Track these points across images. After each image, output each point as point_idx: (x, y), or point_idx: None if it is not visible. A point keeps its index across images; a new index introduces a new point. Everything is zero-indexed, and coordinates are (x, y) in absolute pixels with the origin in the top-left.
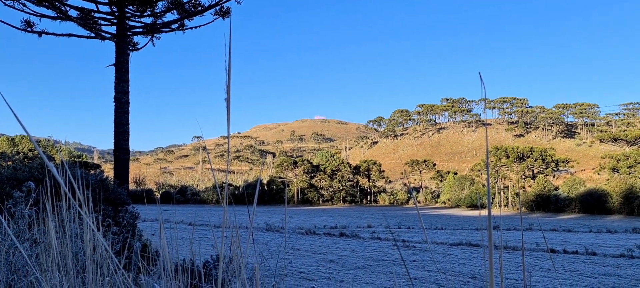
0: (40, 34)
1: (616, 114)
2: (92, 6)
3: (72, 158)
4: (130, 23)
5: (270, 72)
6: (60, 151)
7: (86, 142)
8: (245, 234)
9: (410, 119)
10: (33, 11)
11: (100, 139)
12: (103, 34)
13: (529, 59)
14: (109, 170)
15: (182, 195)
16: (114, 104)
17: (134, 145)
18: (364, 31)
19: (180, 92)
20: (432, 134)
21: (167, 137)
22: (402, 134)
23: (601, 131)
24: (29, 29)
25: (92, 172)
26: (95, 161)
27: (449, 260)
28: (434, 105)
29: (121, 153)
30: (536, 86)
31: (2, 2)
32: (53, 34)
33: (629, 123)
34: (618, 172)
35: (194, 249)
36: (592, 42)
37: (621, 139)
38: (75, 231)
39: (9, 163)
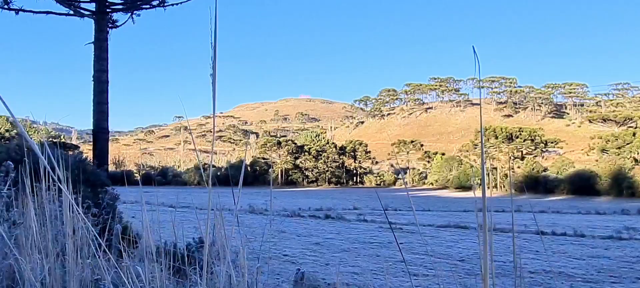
0: (17, 11)
1: (605, 94)
2: None
3: (50, 139)
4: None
5: (253, 49)
6: (39, 131)
7: (64, 122)
8: (228, 216)
9: (397, 99)
10: None
11: (78, 119)
12: (82, 11)
13: (518, 37)
14: (87, 151)
15: (163, 177)
16: (92, 82)
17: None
18: (350, 8)
19: (161, 70)
20: (420, 114)
21: (148, 117)
22: (389, 114)
23: (590, 111)
24: (6, 6)
25: (71, 152)
26: (74, 142)
27: (437, 243)
28: (421, 85)
29: (100, 133)
30: (525, 65)
31: None
32: (30, 11)
33: (618, 103)
34: (607, 153)
35: (176, 231)
36: (580, 19)
37: (610, 120)
38: (55, 212)
39: None
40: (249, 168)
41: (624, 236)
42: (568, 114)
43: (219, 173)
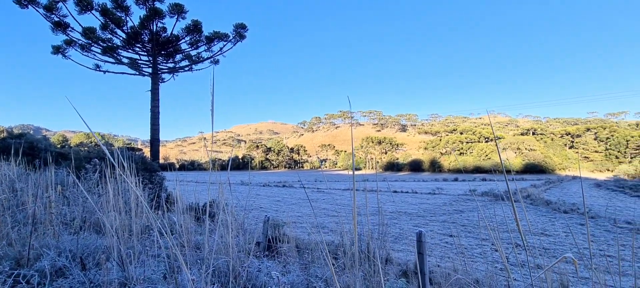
0: (104, 72)
1: (426, 119)
2: (136, 57)
3: (125, 144)
4: (160, 66)
5: (243, 89)
6: (118, 140)
7: (134, 135)
8: (228, 188)
9: (321, 122)
10: (100, 58)
11: (143, 132)
12: (143, 72)
13: (383, 83)
14: (147, 152)
15: (192, 166)
16: (150, 113)
17: (162, 136)
18: (294, 65)
19: (191, 104)
20: (333, 130)
21: (183, 131)
22: (316, 130)
23: (419, 128)
24: (98, 69)
25: (137, 152)
26: (139, 146)
27: (342, 199)
28: (333, 114)
29: (154, 141)
30: (387, 101)
31: (81, 53)
32: (113, 72)
33: (432, 124)
34: (427, 150)
35: (197, 196)
36: (416, 69)
37: (429, 132)
38: (125, 188)
39: (85, 149)
40: (241, 160)
41: (436, 192)
42: (408, 129)
43: (223, 163)
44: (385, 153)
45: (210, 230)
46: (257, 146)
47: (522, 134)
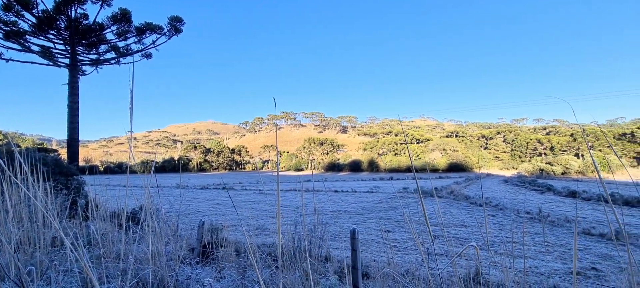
0: (7, 60)
1: (365, 121)
2: (51, 45)
3: (35, 145)
4: (80, 57)
5: (180, 86)
6: (26, 140)
7: (48, 134)
8: (163, 190)
9: (263, 122)
10: (1, 44)
11: (58, 130)
12: (59, 63)
13: (326, 88)
14: (64, 153)
15: (120, 169)
16: (67, 109)
17: (84, 135)
18: (242, 68)
19: (119, 100)
20: (276, 130)
21: (108, 131)
22: (259, 130)
23: (358, 130)
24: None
25: (50, 154)
26: (54, 147)
27: (284, 199)
28: (276, 115)
29: (73, 141)
30: (329, 104)
31: None
32: (18, 61)
33: (370, 126)
34: (366, 150)
35: (124, 202)
36: (356, 75)
37: (367, 134)
38: (32, 195)
39: None
40: (177, 162)
41: (373, 191)
42: (349, 131)
43: (157, 165)
44: (327, 154)
45: (139, 238)
46: (195, 147)
47: (447, 136)
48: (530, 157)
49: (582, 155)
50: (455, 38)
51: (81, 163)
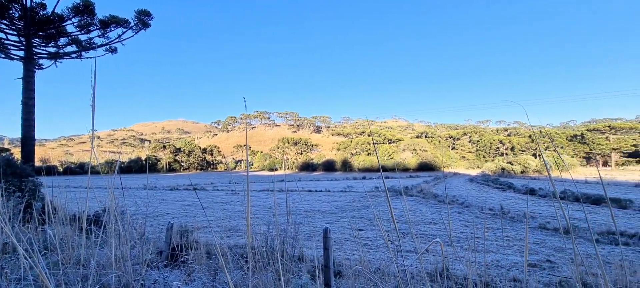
0: None
1: (339, 122)
2: (2, 35)
3: None
4: (37, 50)
5: (148, 83)
6: None
7: None
8: (129, 191)
9: (236, 121)
10: None
11: (10, 128)
12: (12, 55)
13: (301, 89)
14: (17, 153)
15: (82, 169)
16: (21, 106)
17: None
18: (215, 66)
19: (81, 97)
20: (250, 130)
21: (69, 129)
22: (232, 130)
23: (332, 130)
24: None
25: (2, 154)
26: (6, 146)
27: (257, 200)
28: (250, 114)
29: (28, 140)
30: (303, 105)
31: None
32: None
33: (344, 126)
34: (339, 150)
35: (86, 204)
36: (330, 78)
37: (341, 134)
38: None
39: None
40: (145, 162)
41: (347, 190)
42: (323, 131)
43: (122, 166)
44: (301, 153)
45: (102, 242)
46: (164, 146)
47: (417, 137)
48: (494, 157)
49: (539, 155)
50: (425, 42)
51: (38, 163)
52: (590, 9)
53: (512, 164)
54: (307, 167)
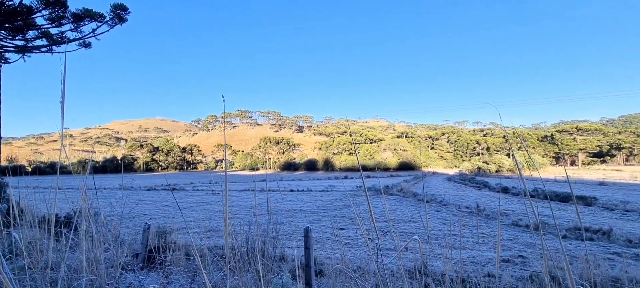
0: None
1: (321, 121)
2: None
3: None
4: (3, 43)
5: (127, 79)
6: None
7: None
8: (104, 192)
9: (217, 120)
10: None
11: None
12: None
13: (282, 89)
14: None
15: (52, 169)
16: None
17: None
18: (192, 56)
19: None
20: (230, 129)
21: (39, 127)
22: (212, 129)
23: (314, 129)
24: None
25: None
26: None
27: (239, 200)
28: (231, 113)
29: None
30: (285, 104)
31: None
32: None
33: (326, 126)
34: (321, 150)
35: (57, 205)
36: (311, 78)
37: (323, 134)
38: None
39: None
40: (121, 161)
41: (328, 190)
42: (305, 130)
43: (97, 165)
44: (283, 153)
45: (73, 244)
46: (142, 145)
47: (398, 137)
48: (470, 157)
49: (513, 155)
50: (407, 44)
51: (3, 162)
52: (564, 15)
53: (488, 164)
54: (289, 166)
